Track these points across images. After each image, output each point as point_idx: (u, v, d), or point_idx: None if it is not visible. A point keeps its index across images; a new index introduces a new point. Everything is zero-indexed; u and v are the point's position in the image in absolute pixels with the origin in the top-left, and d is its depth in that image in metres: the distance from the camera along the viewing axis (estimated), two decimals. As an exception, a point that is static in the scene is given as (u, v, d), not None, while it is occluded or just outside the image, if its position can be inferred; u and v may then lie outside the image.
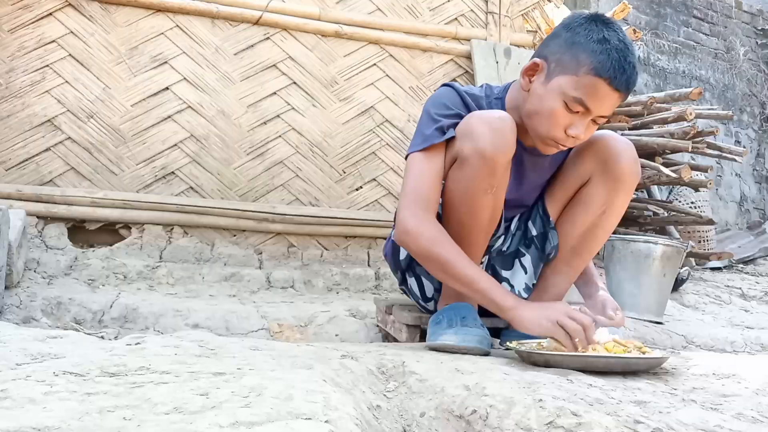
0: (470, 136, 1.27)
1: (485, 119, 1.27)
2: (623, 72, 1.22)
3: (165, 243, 2.68)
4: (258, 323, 2.01)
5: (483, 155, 1.25)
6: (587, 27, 1.26)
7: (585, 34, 1.25)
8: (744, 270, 4.31)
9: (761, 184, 6.03)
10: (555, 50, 1.29)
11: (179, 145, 2.80)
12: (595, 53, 1.22)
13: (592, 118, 1.28)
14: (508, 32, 3.35)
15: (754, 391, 1.06)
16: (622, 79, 1.22)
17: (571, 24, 1.30)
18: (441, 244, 1.27)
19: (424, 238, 1.27)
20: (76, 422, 0.65)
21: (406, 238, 1.30)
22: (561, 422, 0.80)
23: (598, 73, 1.22)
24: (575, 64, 1.24)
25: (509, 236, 1.56)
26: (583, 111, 1.26)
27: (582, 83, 1.23)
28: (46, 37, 2.65)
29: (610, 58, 1.21)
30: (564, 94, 1.25)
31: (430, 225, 1.29)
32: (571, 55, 1.25)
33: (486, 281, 1.25)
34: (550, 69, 1.29)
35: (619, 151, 1.38)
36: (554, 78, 1.27)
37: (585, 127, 1.28)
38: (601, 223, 1.44)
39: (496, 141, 1.25)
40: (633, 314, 2.41)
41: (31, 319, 1.86)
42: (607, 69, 1.21)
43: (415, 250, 1.31)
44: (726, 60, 5.89)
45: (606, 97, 1.24)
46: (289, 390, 0.80)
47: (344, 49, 3.10)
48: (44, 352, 0.93)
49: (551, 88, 1.27)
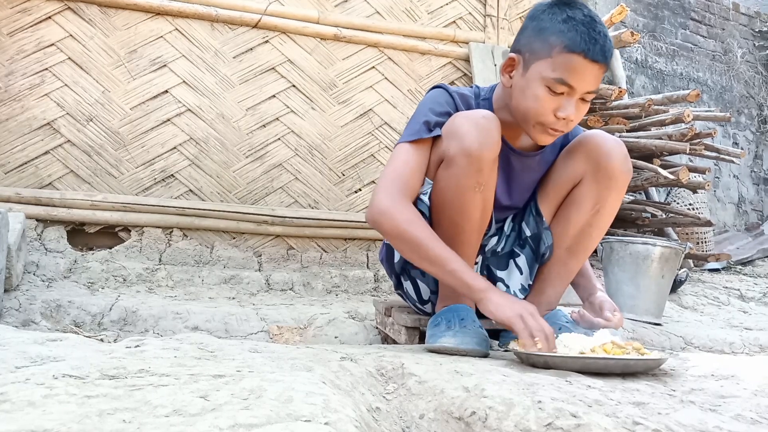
0: (456, 135, 1.28)
1: (470, 118, 1.29)
2: (595, 42, 1.23)
3: (164, 246, 2.69)
4: (257, 325, 2.01)
5: (469, 153, 1.26)
6: (550, 11, 1.28)
7: (549, 18, 1.27)
8: (742, 271, 4.31)
9: (759, 185, 6.04)
10: (525, 41, 1.31)
11: (178, 148, 2.81)
12: (563, 32, 1.24)
13: (579, 97, 1.28)
14: (506, 35, 3.36)
15: (753, 392, 1.06)
16: (596, 48, 1.23)
17: (534, 13, 1.32)
18: (415, 225, 1.27)
19: (398, 218, 1.27)
20: (75, 425, 0.65)
21: (381, 218, 1.29)
22: (560, 423, 0.81)
23: (571, 50, 1.23)
24: (547, 47, 1.26)
25: (503, 237, 1.56)
26: (568, 90, 1.26)
27: (558, 62, 1.24)
28: (46, 40, 2.66)
29: (579, 32, 1.23)
30: (544, 78, 1.26)
31: (405, 206, 1.29)
32: (541, 41, 1.27)
33: (458, 263, 1.25)
34: (525, 59, 1.30)
35: (609, 149, 1.39)
36: (531, 66, 1.29)
37: (574, 107, 1.28)
38: (595, 222, 1.44)
39: (481, 139, 1.26)
40: (631, 316, 2.41)
41: (30, 322, 1.86)
42: (578, 43, 1.22)
43: (389, 230, 1.30)
44: (724, 62, 5.91)
45: (585, 71, 1.25)
46: (288, 392, 0.80)
47: (343, 52, 3.11)
48: (43, 355, 0.93)
49: (530, 77, 1.29)
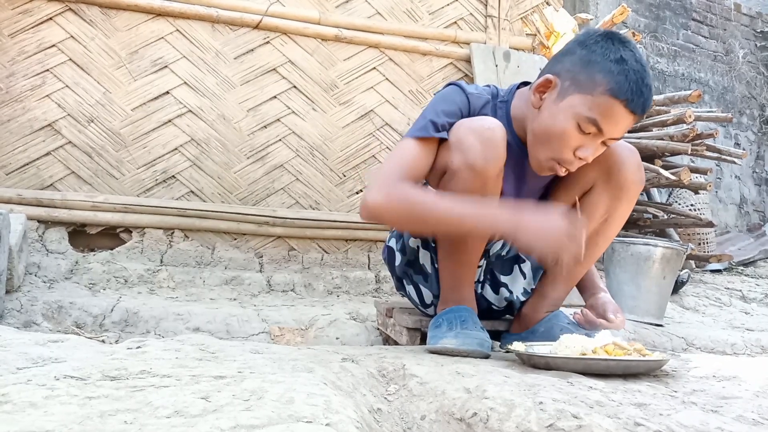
0: (459, 148, 1.24)
1: (474, 130, 1.23)
2: (641, 95, 1.18)
3: (166, 247, 2.69)
4: (259, 327, 2.01)
5: (473, 168, 1.22)
6: (603, 45, 1.21)
7: (601, 53, 1.20)
8: (744, 272, 4.31)
9: (761, 186, 6.03)
10: (569, 67, 1.24)
11: (180, 149, 2.81)
12: (613, 73, 1.17)
13: (602, 141, 1.24)
14: (508, 36, 3.36)
15: (755, 393, 1.06)
16: (639, 101, 1.18)
17: (586, 41, 1.24)
18: (413, 198, 1.20)
19: (393, 200, 1.21)
20: (77, 426, 0.65)
21: (376, 209, 1.21)
22: (561, 425, 0.81)
23: (615, 95, 1.17)
24: (591, 83, 1.19)
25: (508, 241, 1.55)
26: (596, 132, 1.21)
27: (597, 103, 1.19)
28: (47, 41, 2.66)
29: (628, 79, 1.17)
30: (578, 114, 1.20)
31: (398, 187, 1.21)
32: (586, 74, 1.20)
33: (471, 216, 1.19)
34: (564, 87, 1.23)
35: (624, 159, 1.35)
36: (568, 96, 1.22)
37: (594, 150, 1.24)
38: (602, 231, 1.42)
39: (486, 153, 1.21)
40: (633, 317, 2.41)
41: (31, 324, 1.86)
42: (625, 90, 1.17)
43: (388, 216, 1.24)
44: (725, 62, 5.90)
45: (621, 119, 1.20)
46: (290, 393, 0.80)
47: (344, 53, 3.11)
48: (45, 356, 0.93)
49: (564, 107, 1.22)
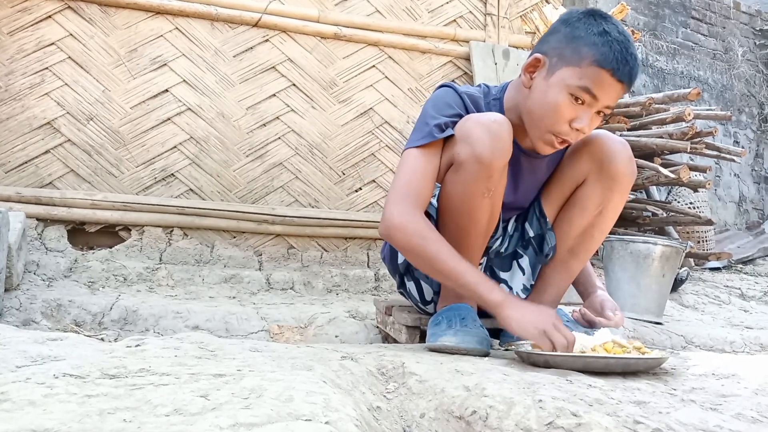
0: (467, 141, 1.26)
1: (482, 123, 1.26)
2: (626, 63, 1.22)
3: (165, 245, 2.69)
4: (258, 325, 2.01)
5: (480, 160, 1.24)
6: (586, 21, 1.26)
7: (585, 28, 1.25)
8: (743, 270, 4.31)
9: (760, 184, 6.04)
10: (555, 45, 1.29)
11: (179, 147, 2.81)
12: (597, 45, 1.22)
13: (596, 110, 1.27)
14: (507, 34, 3.36)
15: (754, 391, 1.06)
16: (625, 69, 1.23)
17: (569, 19, 1.29)
18: (427, 239, 1.25)
19: (410, 231, 1.25)
20: (76, 424, 0.65)
21: (393, 233, 1.27)
22: (561, 422, 0.81)
23: (601, 65, 1.22)
24: (577, 56, 1.24)
25: (507, 238, 1.55)
26: (589, 101, 1.25)
27: (586, 73, 1.23)
28: (46, 39, 2.65)
29: (612, 49, 1.21)
30: (568, 85, 1.24)
31: (417, 219, 1.27)
32: (572, 48, 1.25)
33: (472, 275, 1.23)
34: (552, 63, 1.28)
35: (615, 151, 1.38)
36: (557, 71, 1.27)
37: (590, 119, 1.27)
38: (597, 223, 1.43)
39: (493, 145, 1.24)
40: (632, 315, 2.41)
41: (30, 322, 1.86)
42: (611, 60, 1.21)
43: (402, 244, 1.29)
44: (724, 60, 5.90)
45: (610, 88, 1.24)
46: (289, 391, 0.80)
47: (343, 51, 3.11)
48: (44, 355, 0.93)
49: (554, 82, 1.27)
